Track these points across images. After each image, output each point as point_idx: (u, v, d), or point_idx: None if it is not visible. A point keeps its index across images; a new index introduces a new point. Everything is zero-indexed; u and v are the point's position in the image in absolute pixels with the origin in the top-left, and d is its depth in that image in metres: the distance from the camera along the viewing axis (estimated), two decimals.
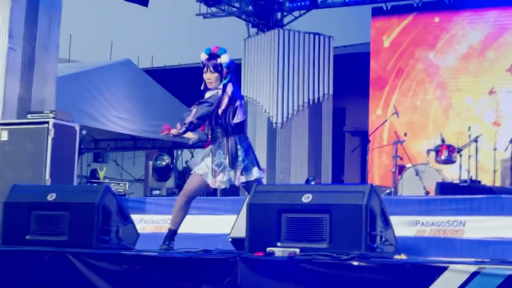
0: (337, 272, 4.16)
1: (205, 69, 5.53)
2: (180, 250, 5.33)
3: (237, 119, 5.50)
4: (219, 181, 5.42)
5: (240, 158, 5.43)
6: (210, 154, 5.51)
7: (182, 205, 5.60)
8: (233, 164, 5.39)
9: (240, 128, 5.56)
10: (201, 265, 4.52)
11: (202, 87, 5.67)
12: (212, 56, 5.53)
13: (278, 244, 4.55)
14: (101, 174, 13.85)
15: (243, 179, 5.40)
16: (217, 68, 5.48)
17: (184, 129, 5.48)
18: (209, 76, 5.51)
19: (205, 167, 5.49)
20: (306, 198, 4.54)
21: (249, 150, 5.55)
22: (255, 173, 5.47)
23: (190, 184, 5.59)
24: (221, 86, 5.52)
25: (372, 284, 4.05)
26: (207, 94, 5.58)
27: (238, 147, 5.45)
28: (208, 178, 5.46)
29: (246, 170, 5.43)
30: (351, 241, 4.32)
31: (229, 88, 5.51)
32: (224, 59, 5.50)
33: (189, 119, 5.47)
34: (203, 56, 5.56)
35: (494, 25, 13.44)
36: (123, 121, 12.82)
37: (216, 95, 5.50)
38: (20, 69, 8.75)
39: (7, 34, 8.59)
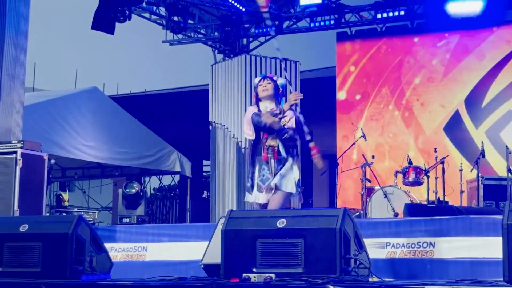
0: None
1: (260, 82, 5.87)
2: (154, 278, 5.31)
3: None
4: None
5: None
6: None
7: None
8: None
9: None
10: None
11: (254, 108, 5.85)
12: (267, 77, 5.93)
13: (254, 269, 4.57)
14: (65, 196, 13.71)
15: None
16: (272, 79, 5.86)
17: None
18: (266, 86, 5.83)
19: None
20: (281, 223, 4.57)
21: None
22: None
23: None
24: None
25: None
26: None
27: None
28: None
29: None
30: (326, 265, 4.35)
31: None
32: (280, 80, 5.90)
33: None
34: (257, 79, 5.94)
35: (456, 48, 13.69)
36: (90, 149, 12.75)
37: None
38: None
39: None
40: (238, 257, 4.63)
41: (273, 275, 4.42)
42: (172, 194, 19.25)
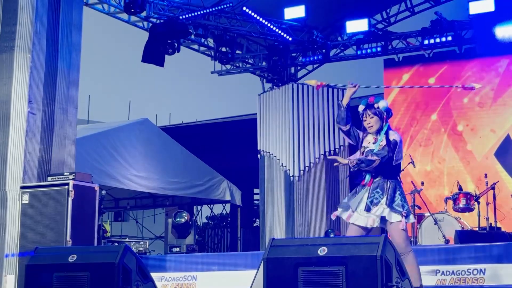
0: None
1: (364, 116, 5.77)
2: None
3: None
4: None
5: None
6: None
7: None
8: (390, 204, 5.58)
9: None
10: None
11: (361, 137, 5.83)
12: (369, 105, 5.78)
13: None
14: (107, 227, 13.91)
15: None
16: (376, 112, 5.71)
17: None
18: (369, 121, 5.73)
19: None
20: (322, 251, 4.59)
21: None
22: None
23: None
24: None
25: None
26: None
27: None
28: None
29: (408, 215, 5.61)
30: None
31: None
32: (381, 104, 5.76)
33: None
34: (361, 108, 5.81)
35: (505, 72, 13.55)
36: (141, 179, 12.95)
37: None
38: (40, 132, 8.90)
39: (27, 98, 8.76)
40: (280, 285, 4.66)
41: None
42: (224, 223, 19.35)
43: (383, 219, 5.57)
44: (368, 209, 5.58)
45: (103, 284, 5.20)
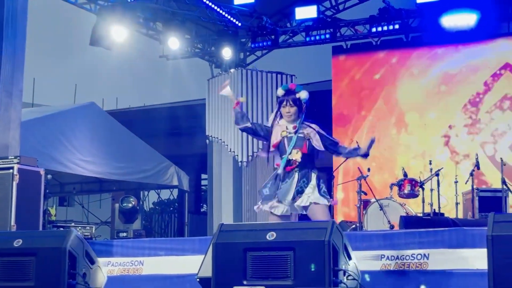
0: None
1: (284, 103, 5.78)
2: None
3: None
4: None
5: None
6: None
7: None
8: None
9: None
10: None
11: (270, 121, 5.88)
12: (290, 92, 5.79)
13: (244, 282, 4.62)
14: (52, 211, 13.72)
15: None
16: (296, 102, 5.74)
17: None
18: (289, 110, 5.76)
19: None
20: (270, 236, 4.62)
21: None
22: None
23: None
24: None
25: None
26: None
27: None
28: None
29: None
30: (315, 277, 4.40)
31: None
32: (303, 95, 5.78)
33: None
34: (280, 92, 5.84)
35: (451, 60, 13.78)
36: (88, 164, 12.81)
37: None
38: None
39: None
40: (228, 270, 4.68)
41: (263, 287, 4.47)
42: (171, 208, 19.29)
43: (304, 207, 5.66)
44: (293, 198, 5.64)
45: (50, 269, 5.15)
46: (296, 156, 5.72)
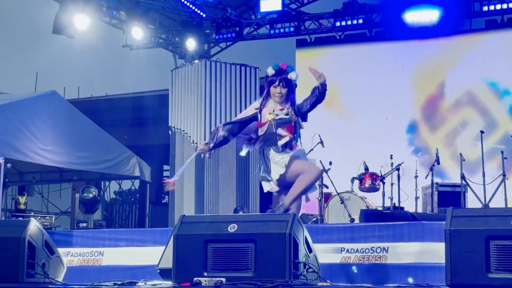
0: None
1: (277, 83, 5.62)
2: (106, 282, 5.34)
3: None
4: None
5: None
6: None
7: None
8: None
9: None
10: None
11: (256, 104, 5.76)
12: (281, 71, 5.64)
13: (205, 273, 4.63)
14: (22, 200, 13.58)
15: None
16: (289, 84, 5.64)
17: None
18: (281, 91, 5.63)
19: None
20: (232, 228, 4.63)
21: None
22: None
23: None
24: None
25: None
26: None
27: None
28: None
29: None
30: (275, 269, 4.43)
31: None
32: (293, 76, 5.67)
33: None
34: (271, 71, 5.66)
35: (413, 56, 13.91)
36: (48, 153, 12.66)
37: None
38: None
39: None
40: (189, 262, 4.68)
41: (223, 279, 4.49)
42: (132, 199, 19.17)
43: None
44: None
45: (8, 259, 5.10)
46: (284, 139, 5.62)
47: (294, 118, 5.66)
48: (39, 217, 12.07)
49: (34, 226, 5.31)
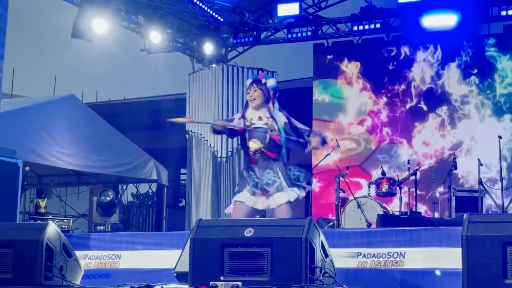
0: None
1: (249, 89, 5.80)
2: (124, 285, 5.36)
3: None
4: None
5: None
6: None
7: None
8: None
9: None
10: None
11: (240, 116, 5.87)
12: (257, 80, 5.80)
13: (221, 278, 4.64)
14: (42, 203, 13.66)
15: None
16: (262, 88, 5.75)
17: None
18: (252, 94, 5.76)
19: None
20: (248, 232, 4.65)
21: None
22: None
23: None
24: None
25: None
26: None
27: None
28: None
29: None
30: (291, 273, 4.43)
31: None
32: (270, 82, 5.78)
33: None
34: (248, 81, 5.86)
35: (432, 60, 13.87)
36: (67, 156, 12.74)
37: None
38: None
39: None
40: (206, 265, 4.70)
41: (239, 283, 4.50)
42: (150, 202, 19.24)
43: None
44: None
45: (26, 262, 5.14)
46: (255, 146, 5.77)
47: (273, 128, 5.70)
48: (57, 220, 12.15)
49: (52, 229, 5.35)
